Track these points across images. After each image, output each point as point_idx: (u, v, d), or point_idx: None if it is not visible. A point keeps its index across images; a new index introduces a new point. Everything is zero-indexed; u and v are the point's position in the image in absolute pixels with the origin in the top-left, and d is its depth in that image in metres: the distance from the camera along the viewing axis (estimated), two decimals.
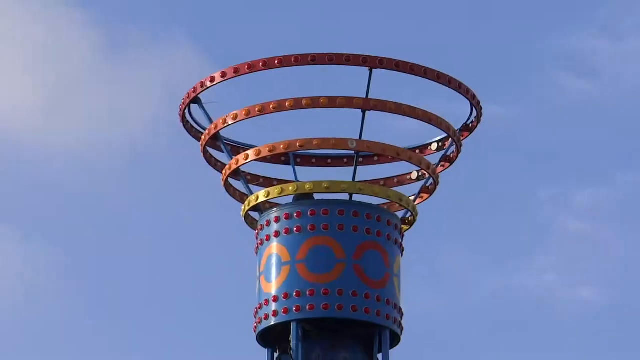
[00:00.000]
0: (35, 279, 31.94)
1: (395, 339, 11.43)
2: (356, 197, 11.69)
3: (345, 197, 11.73)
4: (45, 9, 34.36)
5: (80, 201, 31.63)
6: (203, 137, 12.67)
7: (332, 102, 11.37)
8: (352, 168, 11.95)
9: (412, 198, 12.62)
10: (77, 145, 32.82)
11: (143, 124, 31.44)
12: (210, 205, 20.24)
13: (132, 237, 30.76)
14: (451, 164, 12.94)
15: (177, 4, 35.96)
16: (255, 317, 11.93)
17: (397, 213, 12.21)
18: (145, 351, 29.90)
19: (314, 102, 11.50)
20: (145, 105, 31.90)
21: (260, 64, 11.83)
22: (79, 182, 31.71)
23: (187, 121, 13.04)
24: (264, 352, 11.70)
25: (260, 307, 11.80)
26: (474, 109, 12.44)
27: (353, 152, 12.11)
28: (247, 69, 11.89)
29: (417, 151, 12.73)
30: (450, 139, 12.44)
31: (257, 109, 11.65)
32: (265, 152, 12.08)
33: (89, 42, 33.90)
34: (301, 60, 11.80)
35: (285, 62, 11.78)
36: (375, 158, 12.46)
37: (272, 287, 11.86)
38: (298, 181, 12.11)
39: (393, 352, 11.43)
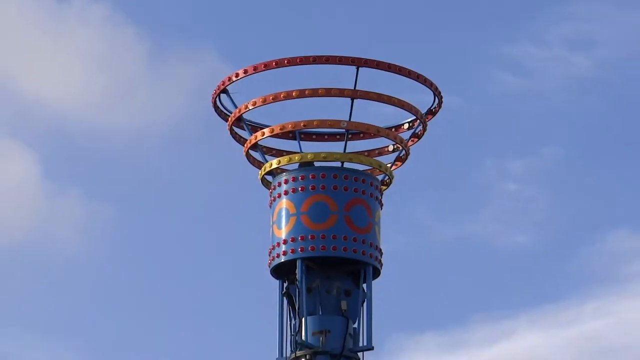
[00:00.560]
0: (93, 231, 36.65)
1: (376, 273, 13.40)
2: (347, 165, 13.78)
3: (338, 164, 13.72)
4: (104, 25, 38.60)
5: (134, 171, 36.65)
6: (229, 119, 14.25)
7: (328, 92, 13.19)
8: (344, 143, 13.88)
9: (389, 165, 14.12)
10: (130, 128, 37.76)
11: (183, 112, 35.59)
12: (235, 171, 22.12)
13: (177, 196, 35.87)
14: (419, 139, 14.27)
15: (205, 21, 40.86)
16: (269, 255, 13.55)
17: (377, 177, 14.03)
18: (179, 285, 35.03)
19: (314, 92, 13.15)
20: (183, 98, 36.68)
21: (274, 63, 13.40)
22: (135, 157, 37.06)
23: (218, 107, 14.63)
24: (276, 283, 13.72)
25: (273, 248, 13.64)
26: (436, 97, 14.07)
27: (344, 130, 13.87)
28: (264, 67, 13.67)
29: (393, 129, 14.10)
30: (418, 121, 13.99)
31: (271, 97, 13.38)
32: (277, 130, 13.71)
33: (138, 51, 38.46)
34: (304, 60, 13.42)
35: (292, 62, 13.62)
36: (361, 135, 14.26)
37: (282, 233, 13.40)
38: (302, 152, 13.91)
39: (374, 283, 13.41)
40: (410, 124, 14.50)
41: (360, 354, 13.48)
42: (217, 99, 14.65)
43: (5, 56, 38.33)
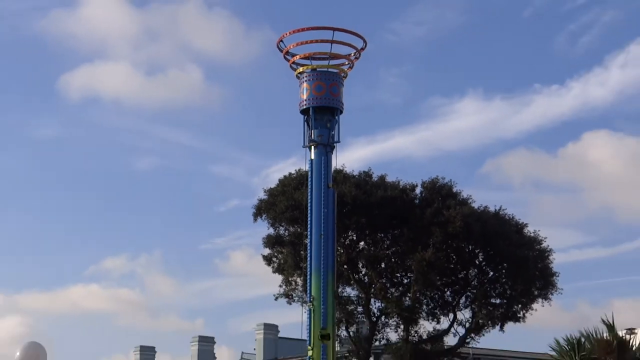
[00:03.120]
0: None
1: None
2: (330, 70, 30.25)
3: (326, 70, 30.16)
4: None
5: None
6: (284, 50, 30.60)
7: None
8: (327, 61, 30.66)
9: (346, 69, 30.75)
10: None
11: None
12: (288, 72, 43.43)
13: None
14: (358, 59, 31.32)
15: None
16: (299, 105, 29.69)
17: (341, 74, 30.29)
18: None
19: (323, 27, 31.86)
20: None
21: (305, 30, 30.45)
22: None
23: (280, 47, 30.96)
24: (302, 117, 30.86)
25: (300, 103, 29.78)
26: (365, 44, 31.04)
27: (328, 56, 30.90)
28: (300, 29, 31.50)
29: (351, 55, 31.39)
30: (360, 50, 31.21)
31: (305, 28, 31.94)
32: (303, 55, 31.37)
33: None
34: (319, 29, 30.38)
35: (314, 29, 30.63)
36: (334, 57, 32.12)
37: (304, 96, 29.81)
38: (312, 64, 30.49)
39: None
40: (355, 54, 31.64)
41: None
42: (281, 43, 31.09)
43: None
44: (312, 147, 29.92)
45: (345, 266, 41.63)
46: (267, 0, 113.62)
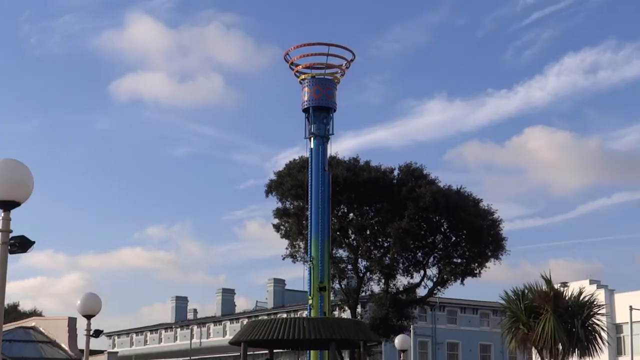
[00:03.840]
0: None
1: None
2: (326, 77, 30.98)
3: (322, 77, 30.52)
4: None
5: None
6: (290, 61, 31.78)
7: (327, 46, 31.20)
8: (324, 70, 31.08)
9: (338, 77, 31.36)
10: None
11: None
12: (292, 79, 42.71)
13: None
14: (348, 68, 32.24)
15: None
16: (301, 105, 30.86)
17: (334, 81, 30.41)
18: None
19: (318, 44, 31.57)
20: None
21: (307, 45, 31.11)
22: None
23: (287, 59, 31.91)
24: (303, 115, 30.99)
25: (302, 103, 30.48)
26: (354, 56, 31.98)
27: (325, 65, 31.47)
28: (302, 45, 31.68)
29: (342, 65, 32.18)
30: (350, 62, 32.00)
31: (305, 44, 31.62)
32: (304, 65, 31.67)
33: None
34: (318, 45, 30.53)
35: (313, 44, 30.97)
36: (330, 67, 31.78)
37: (305, 97, 30.79)
38: (311, 73, 31.05)
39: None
40: (346, 64, 31.53)
41: None
42: (287, 56, 31.27)
43: None
44: (312, 138, 29.81)
45: (338, 232, 41.31)
46: (274, 22, 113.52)
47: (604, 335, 22.95)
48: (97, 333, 17.41)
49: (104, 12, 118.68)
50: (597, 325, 22.66)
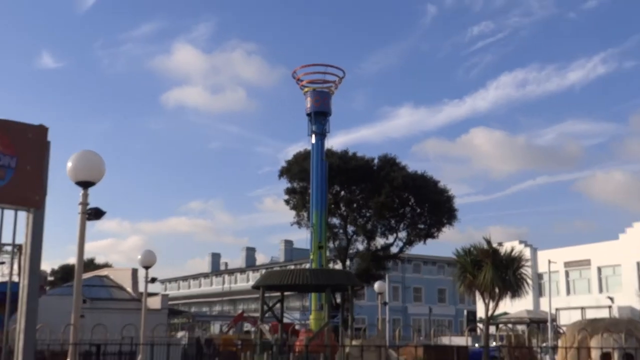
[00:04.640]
0: None
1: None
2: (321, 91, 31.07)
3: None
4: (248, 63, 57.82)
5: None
6: (296, 77, 31.96)
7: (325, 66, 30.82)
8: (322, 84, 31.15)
9: (333, 89, 31.69)
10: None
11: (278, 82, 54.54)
12: (297, 92, 41.76)
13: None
14: (340, 83, 32.25)
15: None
16: (306, 110, 31.15)
17: (329, 93, 31.19)
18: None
19: (315, 64, 31.27)
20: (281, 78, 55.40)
21: (309, 66, 31.15)
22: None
23: (294, 76, 32.22)
24: (306, 118, 31.08)
25: (306, 109, 31.15)
26: (344, 74, 31.99)
27: (322, 82, 31.30)
28: (303, 66, 31.42)
29: (335, 81, 31.92)
30: (341, 78, 31.97)
31: (303, 66, 31.40)
32: (308, 81, 31.46)
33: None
34: (317, 65, 30.83)
35: (314, 65, 30.94)
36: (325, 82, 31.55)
37: (308, 105, 30.93)
38: (311, 87, 31.17)
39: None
40: (339, 80, 31.38)
41: None
42: (294, 74, 31.28)
43: None
44: (313, 135, 29.94)
45: (332, 205, 41.27)
46: (283, 49, 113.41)
47: (529, 281, 23.01)
48: (153, 280, 17.56)
49: (156, 41, 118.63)
50: (524, 274, 22.68)
